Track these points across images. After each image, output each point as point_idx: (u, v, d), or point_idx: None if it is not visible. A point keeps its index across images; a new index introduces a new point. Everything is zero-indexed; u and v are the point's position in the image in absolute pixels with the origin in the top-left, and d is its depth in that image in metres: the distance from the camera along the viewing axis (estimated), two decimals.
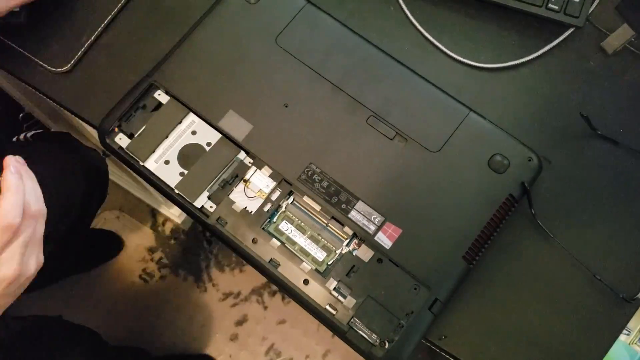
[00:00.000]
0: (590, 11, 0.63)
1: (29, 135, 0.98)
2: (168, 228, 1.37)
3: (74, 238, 0.97)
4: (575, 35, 0.63)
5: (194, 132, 0.58)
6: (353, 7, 0.66)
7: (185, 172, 0.58)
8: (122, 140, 0.59)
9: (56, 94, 0.63)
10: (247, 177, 0.57)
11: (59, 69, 0.63)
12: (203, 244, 1.35)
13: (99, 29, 0.65)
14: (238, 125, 0.58)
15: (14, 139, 1.01)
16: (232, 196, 0.57)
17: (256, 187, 0.57)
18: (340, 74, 0.59)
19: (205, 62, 0.60)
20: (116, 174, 1.30)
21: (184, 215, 1.31)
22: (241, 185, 0.57)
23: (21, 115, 1.29)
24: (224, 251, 1.34)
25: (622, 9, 0.61)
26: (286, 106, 0.59)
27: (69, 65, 0.63)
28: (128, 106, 0.59)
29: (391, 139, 0.57)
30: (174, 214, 1.32)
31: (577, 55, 0.63)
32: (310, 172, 0.56)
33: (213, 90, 0.59)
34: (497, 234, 0.56)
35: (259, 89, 0.59)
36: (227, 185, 0.57)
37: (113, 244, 1.35)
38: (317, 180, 0.56)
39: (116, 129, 0.59)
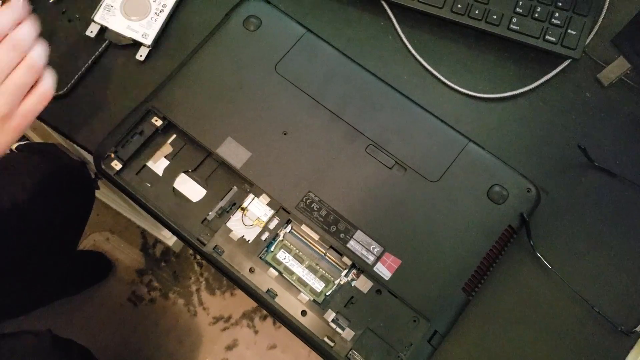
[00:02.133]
0: (586, 43, 0.63)
1: (13, 147, 0.96)
2: (158, 250, 1.35)
3: (61, 256, 0.96)
4: (572, 66, 0.64)
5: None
6: (351, 35, 0.66)
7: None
8: (117, 166, 0.58)
9: (51, 117, 0.63)
10: (244, 205, 0.57)
11: (55, 93, 0.63)
12: (194, 267, 1.33)
13: (96, 53, 0.64)
14: (236, 153, 0.58)
15: None
16: (229, 224, 0.56)
17: (254, 216, 0.56)
18: (339, 103, 0.59)
19: (204, 89, 0.60)
20: (106, 195, 1.29)
21: (175, 237, 1.30)
22: (239, 213, 0.57)
23: None
24: (214, 274, 1.32)
25: (618, 42, 0.62)
26: (285, 134, 0.58)
27: (65, 89, 0.63)
28: (125, 132, 0.59)
29: (390, 168, 0.57)
30: (165, 236, 1.30)
31: (574, 87, 0.63)
32: (308, 201, 0.56)
33: (211, 117, 0.59)
34: (496, 265, 0.55)
35: (258, 116, 0.59)
36: (225, 213, 0.57)
37: (102, 266, 1.33)
38: (316, 209, 0.56)
39: (112, 155, 0.58)
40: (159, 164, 0.59)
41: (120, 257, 1.34)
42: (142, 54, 0.64)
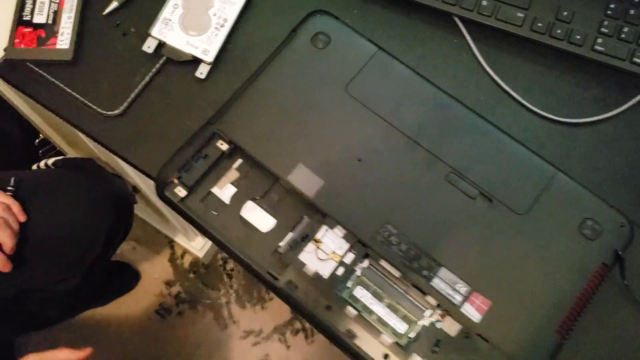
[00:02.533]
0: None
1: (49, 162, 0.93)
2: (187, 261, 1.32)
3: (97, 270, 0.93)
4: None
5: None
6: (423, 52, 0.62)
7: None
8: (181, 192, 0.54)
9: (106, 138, 0.59)
10: (318, 236, 0.53)
11: (110, 112, 0.59)
12: (223, 279, 1.30)
13: (152, 70, 0.61)
14: (308, 181, 0.54)
15: (34, 167, 0.97)
16: (302, 257, 0.53)
17: (328, 249, 0.53)
18: (416, 126, 0.56)
19: (271, 111, 0.57)
20: None
21: (205, 247, 1.27)
22: (311, 245, 0.53)
23: (37, 140, 1.24)
24: (245, 286, 1.29)
25: None
26: (359, 160, 0.55)
27: (121, 108, 0.59)
28: (189, 156, 0.55)
29: (473, 199, 0.53)
30: (194, 247, 1.27)
31: None
32: (387, 234, 0.52)
33: (281, 142, 0.55)
34: (589, 305, 0.52)
35: (330, 141, 0.55)
36: (297, 245, 0.53)
37: (129, 276, 1.30)
38: (395, 243, 0.52)
39: (175, 180, 0.55)
40: (224, 191, 0.56)
41: (147, 268, 1.31)
42: (202, 71, 0.60)
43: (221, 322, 1.26)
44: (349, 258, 0.52)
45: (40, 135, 1.23)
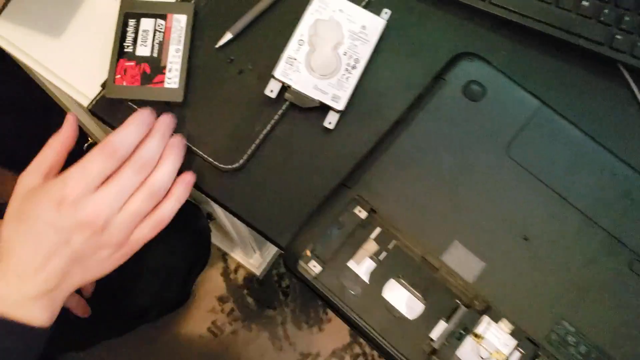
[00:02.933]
0: None
1: None
2: (241, 275, 1.25)
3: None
4: None
5: None
6: (583, 105, 0.54)
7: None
8: (316, 268, 0.47)
9: (224, 196, 0.52)
10: (478, 330, 0.46)
11: (229, 166, 0.51)
12: (279, 296, 1.23)
13: (275, 117, 0.53)
14: (466, 262, 0.47)
15: None
16: (460, 355, 0.45)
17: (491, 346, 0.45)
18: (592, 201, 0.48)
19: (418, 174, 0.49)
20: None
21: (261, 263, 1.20)
22: (470, 340, 0.46)
23: (85, 145, 1.18)
24: (301, 305, 1.23)
25: None
26: (526, 239, 0.47)
27: (241, 161, 0.52)
28: (324, 225, 0.48)
29: None
30: (250, 262, 1.20)
31: None
32: (562, 332, 0.45)
33: (431, 212, 0.48)
34: None
35: (490, 214, 0.48)
36: (453, 339, 0.46)
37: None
38: (572, 343, 0.45)
39: (309, 253, 0.47)
40: (362, 266, 0.48)
41: (199, 281, 1.24)
42: (331, 120, 0.52)
43: (276, 343, 1.20)
44: (516, 357, 0.45)
45: (89, 139, 1.16)
